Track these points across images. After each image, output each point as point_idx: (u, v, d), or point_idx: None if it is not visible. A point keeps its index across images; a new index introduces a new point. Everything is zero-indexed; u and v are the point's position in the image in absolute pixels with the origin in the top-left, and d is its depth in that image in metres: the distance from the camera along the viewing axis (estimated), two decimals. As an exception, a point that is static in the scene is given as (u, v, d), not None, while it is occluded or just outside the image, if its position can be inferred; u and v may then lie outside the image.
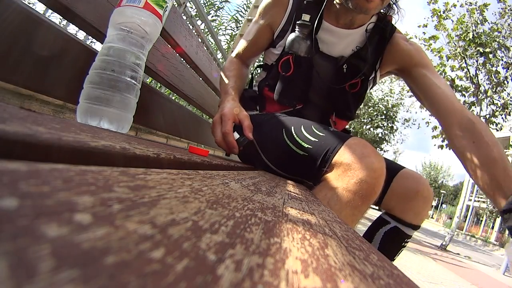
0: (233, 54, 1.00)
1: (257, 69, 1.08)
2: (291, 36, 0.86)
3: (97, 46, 0.78)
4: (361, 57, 0.88)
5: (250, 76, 1.10)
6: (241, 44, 0.98)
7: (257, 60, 1.13)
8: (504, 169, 0.68)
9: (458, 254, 6.51)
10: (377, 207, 1.02)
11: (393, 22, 0.90)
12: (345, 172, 0.67)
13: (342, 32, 0.88)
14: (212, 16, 4.32)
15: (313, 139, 0.74)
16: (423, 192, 0.89)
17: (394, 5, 0.88)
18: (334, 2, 0.85)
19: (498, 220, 17.67)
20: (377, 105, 10.94)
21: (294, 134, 0.77)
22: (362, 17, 0.86)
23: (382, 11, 0.89)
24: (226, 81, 0.87)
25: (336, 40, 0.88)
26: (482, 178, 0.71)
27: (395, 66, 0.92)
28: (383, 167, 0.67)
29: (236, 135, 0.72)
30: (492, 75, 6.68)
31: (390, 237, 0.94)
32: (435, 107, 0.81)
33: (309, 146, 0.74)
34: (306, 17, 0.83)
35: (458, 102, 0.78)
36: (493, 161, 0.70)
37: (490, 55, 6.53)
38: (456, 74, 7.19)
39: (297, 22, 0.85)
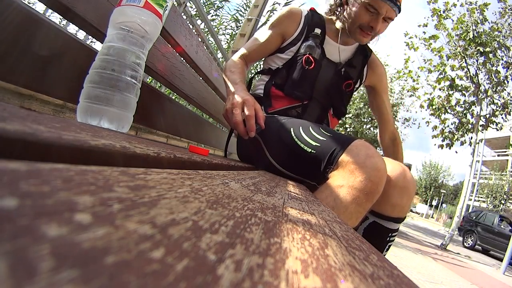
0: (237, 56, 1.07)
1: (257, 75, 1.21)
2: (307, 42, 1.05)
3: (97, 45, 0.79)
4: (352, 65, 1.15)
5: (248, 81, 1.19)
6: (248, 47, 1.09)
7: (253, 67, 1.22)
8: (400, 159, 1.24)
9: (458, 253, 6.52)
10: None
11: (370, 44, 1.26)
12: (351, 171, 0.72)
13: (340, 47, 1.12)
14: (212, 16, 4.33)
15: (321, 138, 0.80)
16: (398, 181, 0.84)
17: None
18: (338, 26, 1.11)
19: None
20: (377, 105, 10.89)
21: (302, 133, 0.83)
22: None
23: None
24: (234, 75, 0.95)
25: (335, 52, 1.12)
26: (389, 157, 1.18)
27: (371, 84, 1.27)
28: (386, 167, 0.75)
29: None
30: (492, 75, 6.67)
31: (371, 234, 0.89)
32: (380, 119, 1.30)
33: (317, 144, 0.79)
34: (318, 30, 1.06)
35: (393, 122, 1.31)
36: (398, 155, 1.26)
37: (490, 55, 6.52)
38: (456, 74, 7.18)
39: (312, 33, 1.06)
